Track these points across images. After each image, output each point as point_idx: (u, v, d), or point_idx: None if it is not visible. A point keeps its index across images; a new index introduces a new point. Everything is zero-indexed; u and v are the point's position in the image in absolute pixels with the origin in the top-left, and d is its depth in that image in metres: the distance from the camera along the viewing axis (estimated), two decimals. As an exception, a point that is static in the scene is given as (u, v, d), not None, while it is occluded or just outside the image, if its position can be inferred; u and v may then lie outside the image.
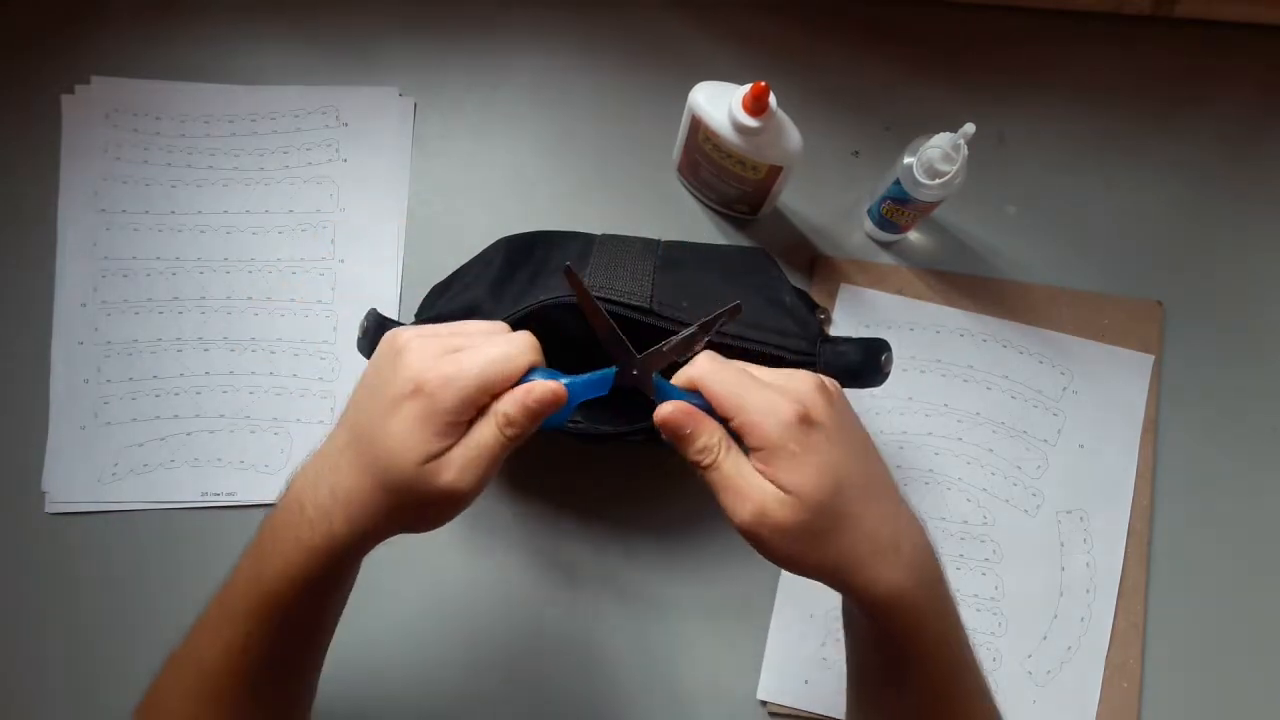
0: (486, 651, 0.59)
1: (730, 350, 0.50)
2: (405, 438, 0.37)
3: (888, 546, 0.37)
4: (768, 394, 0.37)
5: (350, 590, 0.43)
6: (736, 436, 0.38)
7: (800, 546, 0.37)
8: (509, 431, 0.38)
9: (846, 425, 0.39)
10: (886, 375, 0.51)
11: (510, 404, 0.38)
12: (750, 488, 0.37)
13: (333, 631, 0.44)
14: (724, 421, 0.38)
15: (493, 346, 0.38)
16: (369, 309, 0.53)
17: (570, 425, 0.53)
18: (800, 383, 0.39)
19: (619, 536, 0.60)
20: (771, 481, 0.37)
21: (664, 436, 0.39)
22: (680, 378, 0.40)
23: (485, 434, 0.38)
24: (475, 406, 0.38)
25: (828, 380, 0.40)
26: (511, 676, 0.59)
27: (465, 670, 0.59)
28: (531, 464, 0.60)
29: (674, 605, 0.60)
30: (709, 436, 0.38)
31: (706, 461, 0.38)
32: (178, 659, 0.42)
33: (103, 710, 0.59)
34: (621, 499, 0.61)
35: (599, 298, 0.49)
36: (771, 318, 0.51)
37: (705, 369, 0.39)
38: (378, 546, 0.40)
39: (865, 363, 0.50)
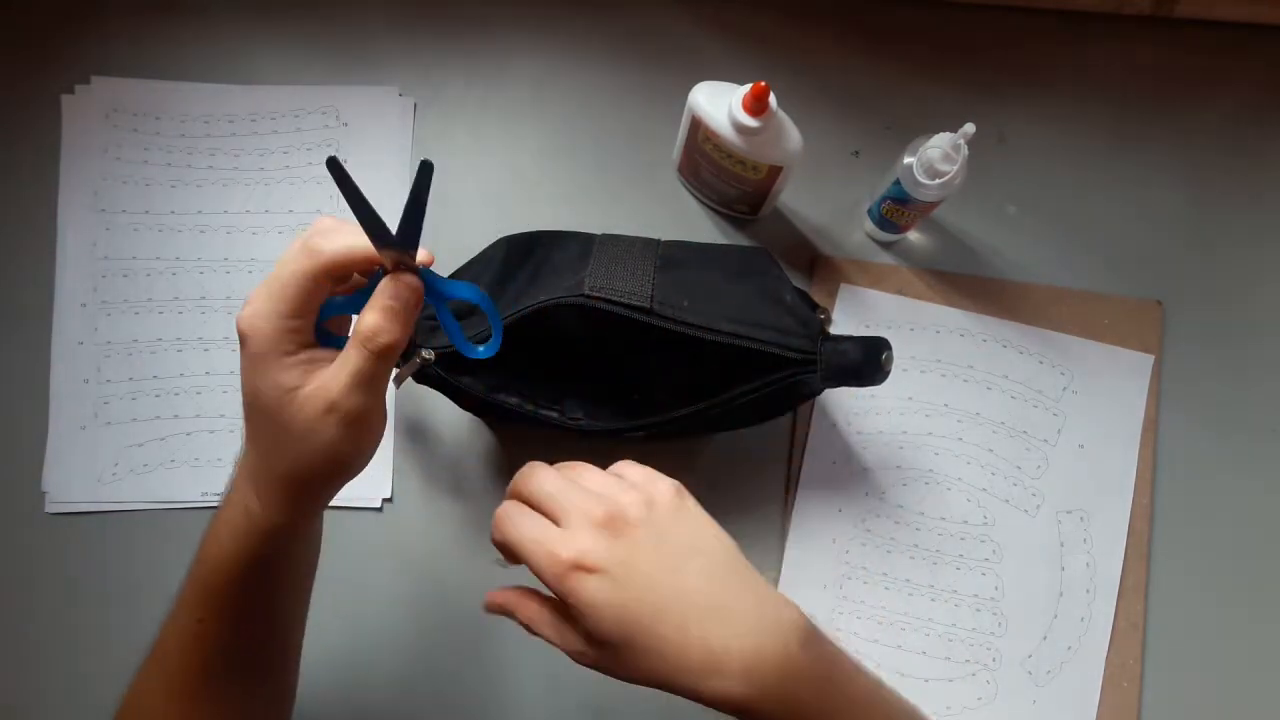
0: (485, 651, 0.59)
1: (732, 350, 0.50)
2: (258, 382, 0.36)
3: (704, 666, 0.36)
4: (545, 547, 0.37)
5: (304, 576, 0.43)
6: None
7: (615, 672, 0.37)
8: (377, 342, 0.36)
9: (636, 557, 0.37)
10: (887, 374, 0.51)
11: (368, 314, 0.36)
12: (561, 638, 0.38)
13: (296, 624, 0.44)
14: None
15: (281, 268, 0.36)
16: None
17: (570, 422, 0.53)
18: (576, 524, 0.37)
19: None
20: (566, 621, 0.38)
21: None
22: (497, 528, 0.40)
23: (349, 355, 0.36)
24: (294, 319, 0.36)
25: (630, 501, 0.38)
26: (510, 675, 0.59)
27: (464, 668, 0.59)
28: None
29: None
30: (528, 613, 0.40)
31: (536, 632, 0.40)
32: (147, 660, 0.42)
33: (102, 710, 0.58)
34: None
35: (599, 298, 0.49)
36: (772, 316, 0.51)
37: (505, 532, 0.39)
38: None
39: (866, 361, 0.51)
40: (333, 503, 0.60)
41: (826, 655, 0.38)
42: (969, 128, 0.52)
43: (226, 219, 0.64)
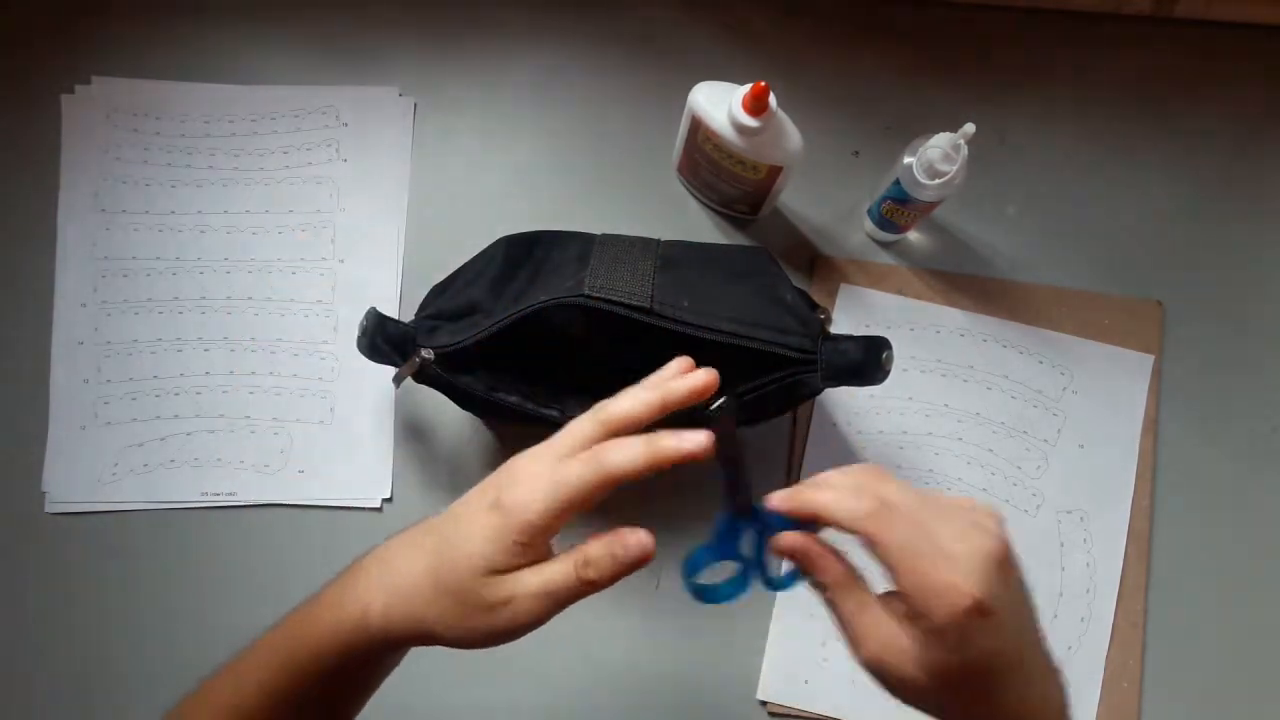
0: (486, 654, 0.59)
1: (732, 349, 0.50)
2: (475, 543, 0.36)
3: (1009, 716, 0.35)
4: (946, 575, 0.33)
5: (382, 678, 0.43)
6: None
7: (918, 699, 0.36)
8: (586, 573, 0.36)
9: (1016, 606, 0.35)
10: (887, 373, 0.51)
11: (596, 546, 0.36)
12: (872, 634, 0.36)
13: (357, 711, 0.44)
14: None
15: (571, 469, 0.36)
16: (369, 309, 0.53)
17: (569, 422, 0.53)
18: (980, 558, 0.34)
19: (619, 536, 0.60)
20: (910, 637, 0.35)
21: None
22: (841, 516, 0.36)
23: (558, 568, 0.36)
24: (548, 532, 0.36)
25: (1007, 539, 0.35)
26: (510, 677, 0.59)
27: (464, 672, 0.59)
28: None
29: (673, 605, 0.59)
30: (824, 575, 0.37)
31: (824, 595, 0.37)
32: (217, 684, 0.41)
33: (102, 710, 0.59)
34: (620, 502, 0.61)
35: (599, 298, 0.49)
36: (773, 316, 0.51)
37: (876, 531, 0.35)
38: None
39: (866, 361, 0.50)
40: (332, 502, 0.61)
41: None
42: (969, 128, 0.52)
43: (226, 219, 0.64)
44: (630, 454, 0.37)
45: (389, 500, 0.61)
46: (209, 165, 0.65)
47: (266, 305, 0.63)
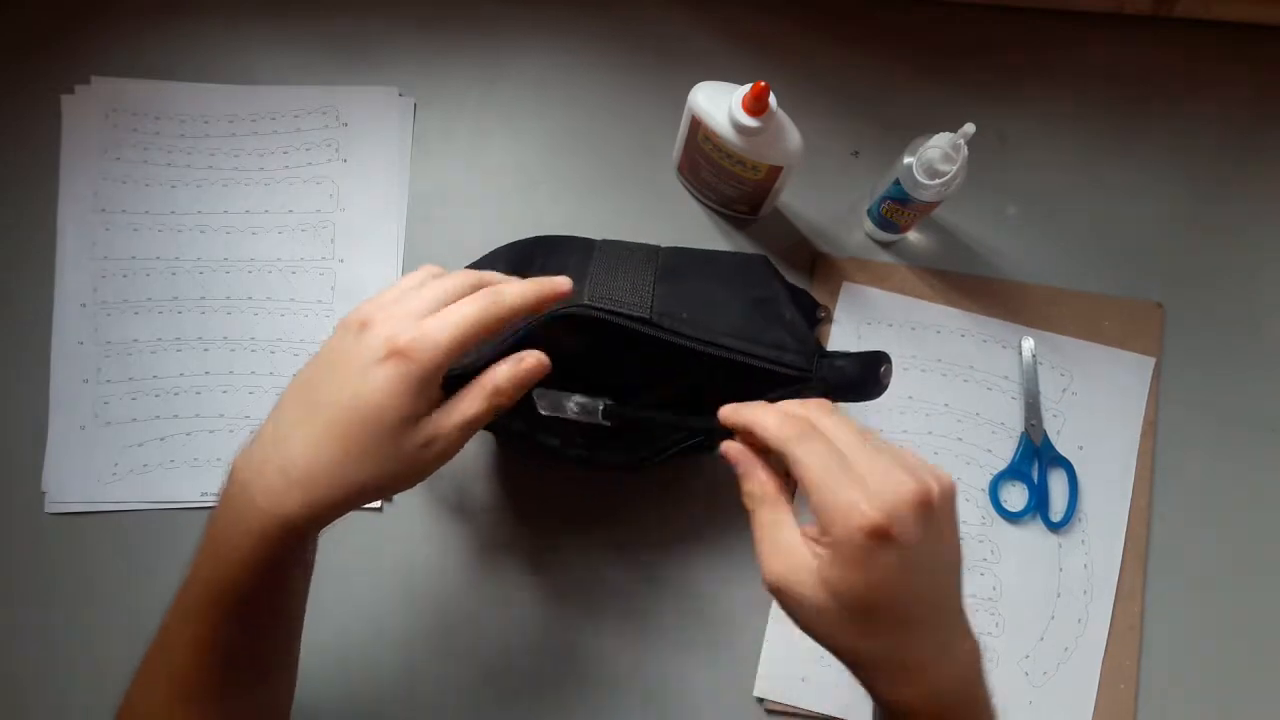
0: (486, 651, 0.59)
1: (729, 363, 0.50)
2: (385, 399, 0.36)
3: (911, 669, 0.35)
4: (850, 493, 0.34)
5: (309, 573, 0.43)
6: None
7: (816, 623, 0.36)
8: (498, 400, 0.39)
9: (928, 550, 0.35)
10: (885, 387, 0.50)
11: (503, 376, 0.39)
12: (780, 550, 0.36)
13: (299, 621, 0.44)
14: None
15: (469, 305, 0.39)
16: None
17: (569, 454, 0.53)
18: (897, 490, 0.34)
19: (616, 537, 0.60)
20: (816, 555, 0.35)
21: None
22: (768, 432, 0.38)
23: (471, 403, 0.39)
24: (445, 370, 0.38)
25: (938, 490, 0.35)
26: (507, 676, 0.59)
27: (464, 672, 0.59)
28: (532, 477, 0.61)
29: (670, 603, 0.60)
30: (753, 486, 0.38)
31: (746, 506, 0.39)
32: (148, 661, 0.42)
33: (102, 710, 0.59)
34: (619, 504, 0.61)
35: (598, 308, 0.49)
36: (770, 332, 0.50)
37: (794, 452, 0.36)
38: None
39: (864, 377, 0.50)
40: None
41: (982, 698, 0.38)
42: (969, 128, 0.52)
43: (226, 219, 0.64)
44: (521, 288, 0.40)
45: (389, 500, 0.61)
46: (209, 165, 0.65)
47: (266, 305, 0.63)
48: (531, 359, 0.40)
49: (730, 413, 0.40)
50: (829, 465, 0.35)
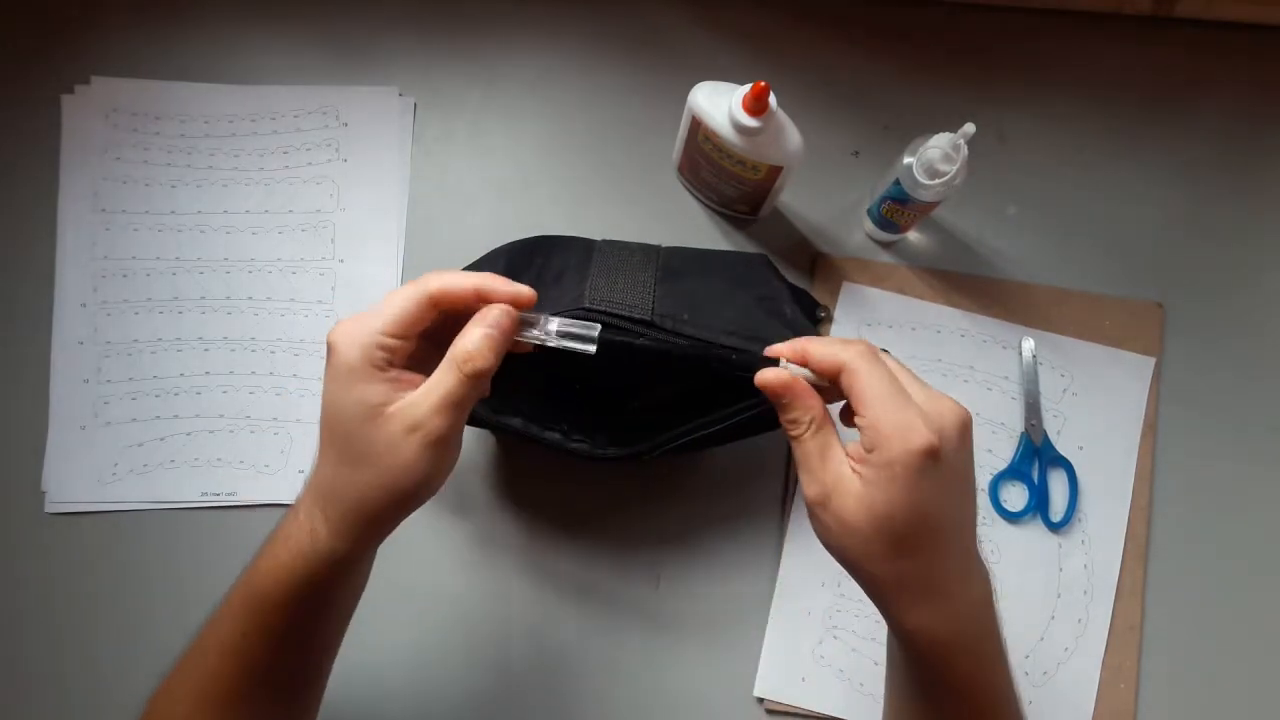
0: (486, 651, 0.59)
1: (727, 364, 0.49)
2: (335, 393, 0.36)
3: (935, 592, 0.37)
4: (908, 414, 0.36)
5: (352, 604, 0.43)
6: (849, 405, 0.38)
7: (851, 544, 0.37)
8: (470, 366, 0.36)
9: (962, 471, 0.38)
10: None
11: (470, 340, 0.37)
12: (826, 471, 0.38)
13: (334, 648, 0.44)
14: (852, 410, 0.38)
15: (398, 291, 0.38)
16: None
17: (572, 445, 0.53)
18: (948, 414, 0.37)
19: (616, 536, 0.60)
20: (859, 475, 0.37)
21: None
22: (826, 356, 0.39)
23: (441, 377, 0.37)
24: (399, 352, 0.37)
25: (971, 425, 0.39)
26: (508, 675, 0.59)
27: (464, 671, 0.59)
28: (532, 477, 0.61)
29: (671, 602, 0.60)
30: (801, 413, 0.39)
31: (793, 433, 0.39)
32: (183, 662, 0.42)
33: (102, 710, 0.59)
34: (619, 505, 0.61)
35: (599, 310, 0.48)
36: (771, 331, 0.51)
37: (859, 367, 0.38)
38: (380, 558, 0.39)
39: None
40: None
41: (996, 630, 0.40)
42: (969, 128, 0.52)
43: (226, 219, 0.64)
44: (452, 274, 0.38)
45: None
46: (209, 165, 0.65)
47: (266, 305, 0.63)
48: (495, 311, 0.38)
49: (786, 347, 0.41)
50: (888, 387, 0.37)
